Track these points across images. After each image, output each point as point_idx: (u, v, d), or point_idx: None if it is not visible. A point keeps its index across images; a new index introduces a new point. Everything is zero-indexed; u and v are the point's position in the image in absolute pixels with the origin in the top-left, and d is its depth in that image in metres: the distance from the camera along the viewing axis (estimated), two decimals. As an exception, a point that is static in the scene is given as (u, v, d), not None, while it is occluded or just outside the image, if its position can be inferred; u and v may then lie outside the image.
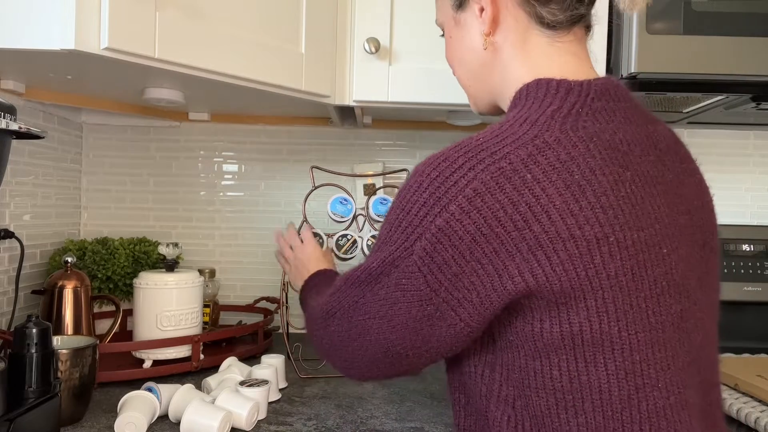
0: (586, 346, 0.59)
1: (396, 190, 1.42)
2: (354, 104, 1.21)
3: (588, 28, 0.73)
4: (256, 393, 0.94)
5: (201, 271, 1.33)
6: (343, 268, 1.23)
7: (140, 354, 1.13)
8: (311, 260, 1.05)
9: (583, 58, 0.72)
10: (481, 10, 0.72)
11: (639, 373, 0.60)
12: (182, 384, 0.95)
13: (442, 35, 0.83)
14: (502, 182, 0.58)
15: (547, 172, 0.58)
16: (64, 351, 0.87)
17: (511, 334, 0.62)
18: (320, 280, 0.96)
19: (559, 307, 0.58)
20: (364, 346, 0.68)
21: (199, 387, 0.99)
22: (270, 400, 1.00)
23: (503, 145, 0.60)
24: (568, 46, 0.71)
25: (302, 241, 1.10)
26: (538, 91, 0.66)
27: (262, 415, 0.94)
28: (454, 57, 0.80)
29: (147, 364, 1.12)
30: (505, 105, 0.75)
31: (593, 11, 0.73)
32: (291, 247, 1.11)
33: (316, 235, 1.20)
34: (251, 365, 1.09)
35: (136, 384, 1.00)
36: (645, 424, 0.59)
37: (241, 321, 1.49)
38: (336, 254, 1.20)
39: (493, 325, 0.63)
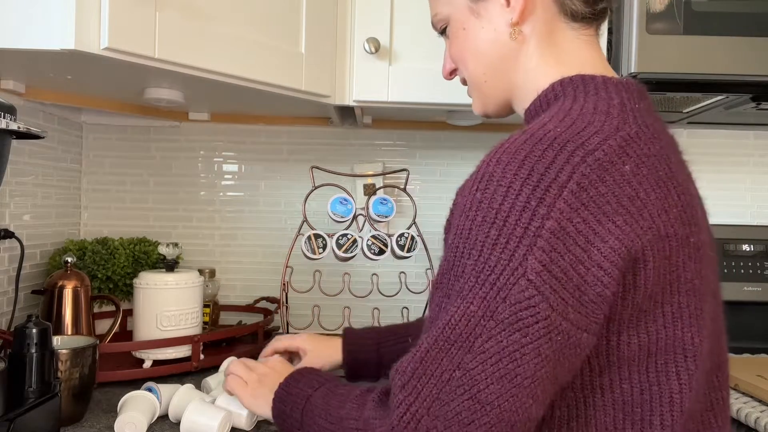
0: (659, 355, 0.55)
1: (396, 191, 1.42)
2: (354, 104, 1.21)
3: (600, 25, 0.73)
4: None
5: (201, 271, 1.33)
6: (343, 267, 1.23)
7: (140, 354, 1.13)
8: (281, 366, 0.86)
9: (601, 54, 0.71)
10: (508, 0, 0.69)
11: (701, 381, 0.57)
12: (182, 384, 0.95)
13: (441, 33, 0.79)
14: (603, 174, 0.52)
15: (639, 166, 0.54)
16: (64, 351, 0.87)
17: None
18: (315, 381, 0.73)
19: (639, 316, 0.54)
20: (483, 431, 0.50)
21: (199, 387, 0.99)
22: None
23: (588, 135, 0.54)
24: (591, 40, 0.70)
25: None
26: (586, 85, 0.63)
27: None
28: (468, 50, 0.74)
29: (147, 364, 1.12)
30: (521, 102, 0.72)
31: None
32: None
33: (318, 236, 1.19)
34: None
35: (136, 384, 1.00)
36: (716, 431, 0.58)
37: (241, 321, 1.49)
38: (336, 254, 1.20)
39: None
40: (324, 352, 0.99)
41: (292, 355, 1.02)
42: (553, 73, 0.67)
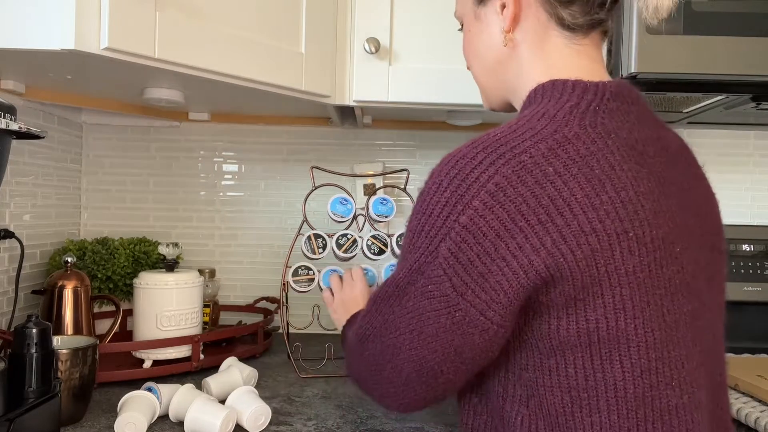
0: (602, 343, 0.58)
1: (396, 191, 1.42)
2: (354, 104, 1.21)
3: (605, 33, 0.74)
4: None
5: (201, 271, 1.33)
6: (344, 266, 1.23)
7: (140, 354, 1.13)
8: (362, 297, 1.02)
9: (597, 62, 0.72)
10: (503, 6, 0.72)
11: (654, 371, 0.59)
12: (182, 384, 0.95)
13: (460, 29, 0.83)
14: (524, 176, 0.57)
15: (568, 166, 0.58)
16: (64, 351, 0.87)
17: (525, 332, 0.62)
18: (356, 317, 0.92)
19: (577, 304, 0.58)
20: (397, 367, 0.65)
21: (199, 387, 0.99)
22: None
23: (522, 139, 0.59)
24: (585, 49, 0.71)
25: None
26: (554, 90, 0.66)
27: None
28: (471, 51, 0.79)
29: (147, 364, 1.12)
30: (518, 103, 0.75)
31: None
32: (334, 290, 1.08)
33: (318, 236, 1.20)
34: (252, 365, 1.09)
35: (136, 384, 1.00)
36: (658, 423, 0.59)
37: (241, 321, 1.49)
38: (336, 253, 1.20)
39: None
40: None
41: None
42: (539, 79, 0.70)
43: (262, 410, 0.90)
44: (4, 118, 0.82)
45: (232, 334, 1.31)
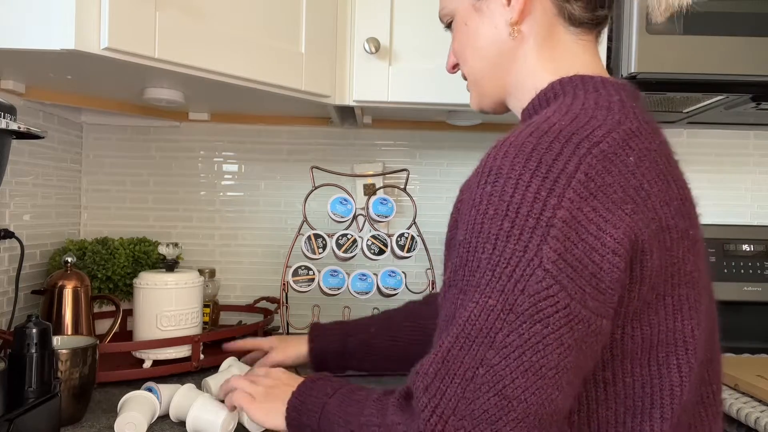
0: (660, 347, 0.55)
1: (396, 191, 1.42)
2: (354, 104, 1.21)
3: (600, 33, 0.74)
4: None
5: (201, 271, 1.33)
6: (344, 267, 1.23)
7: (140, 354, 1.13)
8: (286, 374, 0.82)
9: (599, 60, 0.72)
10: None
11: (702, 373, 0.58)
12: (182, 384, 0.95)
13: (447, 27, 0.80)
14: (608, 165, 0.53)
15: (641, 159, 0.55)
16: (64, 351, 0.87)
17: None
18: (328, 386, 0.70)
19: (643, 308, 0.54)
20: (510, 428, 0.49)
21: (199, 387, 0.99)
22: None
23: (592, 128, 0.55)
24: (589, 46, 0.71)
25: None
26: (585, 84, 0.64)
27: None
28: (469, 46, 0.76)
29: (147, 364, 1.12)
30: (517, 101, 0.74)
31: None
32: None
33: (318, 236, 1.19)
34: (252, 365, 1.08)
35: (136, 384, 1.00)
36: (706, 426, 0.58)
37: (241, 321, 1.49)
38: (336, 253, 1.20)
39: None
40: (290, 345, 1.05)
41: (260, 354, 1.07)
42: (550, 74, 0.69)
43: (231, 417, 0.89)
44: (4, 118, 0.82)
45: (232, 334, 1.31)
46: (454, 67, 0.82)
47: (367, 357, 1.03)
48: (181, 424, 0.89)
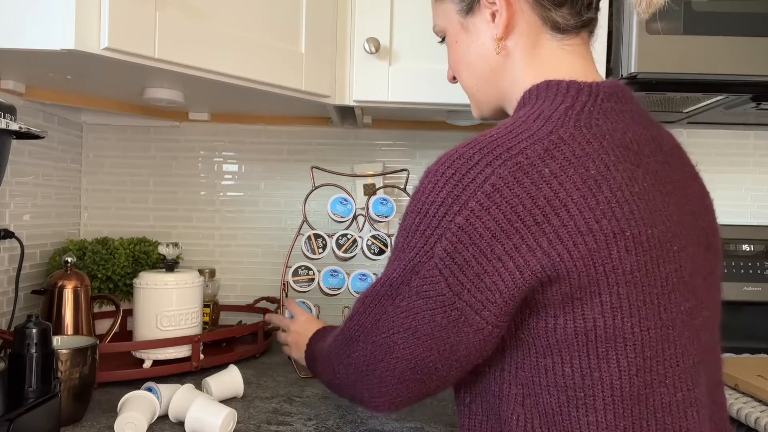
0: (599, 342, 0.58)
1: (396, 191, 1.42)
2: (354, 104, 1.21)
3: (592, 31, 0.74)
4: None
5: (201, 271, 1.33)
6: (344, 267, 1.23)
7: (140, 354, 1.13)
8: (308, 327, 1.00)
9: (589, 61, 0.73)
10: (493, 15, 0.72)
11: (649, 369, 0.59)
12: (182, 384, 0.95)
13: (441, 41, 0.82)
14: (520, 177, 0.57)
15: (563, 167, 0.58)
16: (64, 351, 0.87)
17: (522, 331, 0.62)
18: (322, 333, 0.93)
19: (574, 302, 0.58)
20: (391, 366, 0.66)
21: (199, 387, 0.99)
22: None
23: (519, 140, 0.60)
24: (576, 49, 0.71)
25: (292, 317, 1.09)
26: (548, 91, 0.66)
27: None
28: (461, 62, 0.79)
29: (147, 364, 1.12)
30: (511, 108, 0.75)
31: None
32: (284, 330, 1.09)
33: (318, 236, 1.20)
34: (252, 365, 1.09)
35: (136, 384, 1.00)
36: (652, 421, 0.59)
37: (241, 321, 1.49)
38: (336, 253, 1.20)
39: None
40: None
41: None
42: (534, 81, 0.70)
43: (230, 416, 0.88)
44: (4, 118, 0.82)
45: (232, 334, 1.31)
46: (454, 79, 0.84)
47: None
48: (181, 424, 0.89)
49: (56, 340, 0.90)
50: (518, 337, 0.62)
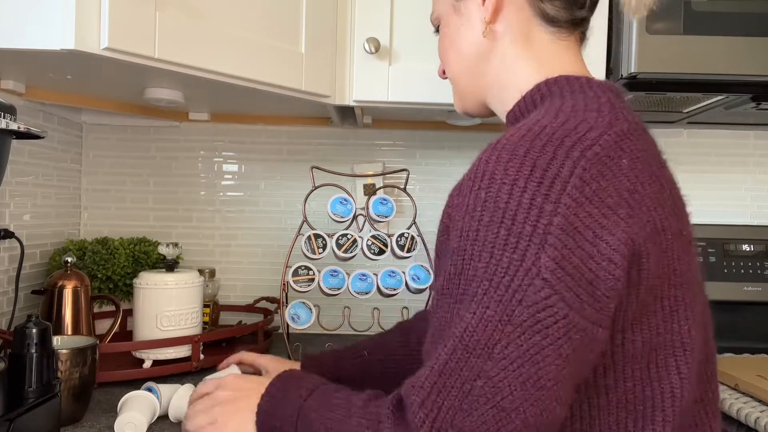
0: (659, 350, 0.54)
1: (396, 191, 1.42)
2: (354, 104, 1.21)
3: (584, 35, 0.73)
4: None
5: (201, 271, 1.33)
6: (344, 267, 1.23)
7: (140, 354, 1.13)
8: (241, 384, 0.73)
9: (582, 61, 0.72)
10: None
11: (702, 374, 0.58)
12: (182, 384, 0.95)
13: (436, 31, 0.81)
14: (602, 168, 0.52)
15: (634, 161, 0.54)
16: (64, 351, 0.87)
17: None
18: (295, 384, 0.67)
19: (642, 311, 0.53)
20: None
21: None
22: None
23: (583, 130, 0.54)
24: (571, 47, 0.71)
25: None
26: (571, 85, 0.64)
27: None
28: (450, 48, 0.77)
29: (147, 364, 1.12)
30: (499, 103, 0.74)
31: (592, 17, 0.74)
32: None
33: (318, 236, 1.19)
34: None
35: (136, 384, 1.00)
36: (706, 425, 0.58)
37: (241, 321, 1.49)
38: (336, 253, 1.20)
39: None
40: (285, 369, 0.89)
41: (254, 371, 0.97)
42: (533, 75, 0.68)
43: None
44: (4, 118, 0.82)
45: (232, 334, 1.31)
46: (444, 73, 0.82)
47: (363, 381, 0.87)
48: (181, 424, 0.89)
49: (56, 340, 0.90)
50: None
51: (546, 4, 0.69)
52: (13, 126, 0.84)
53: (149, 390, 0.92)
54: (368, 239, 1.20)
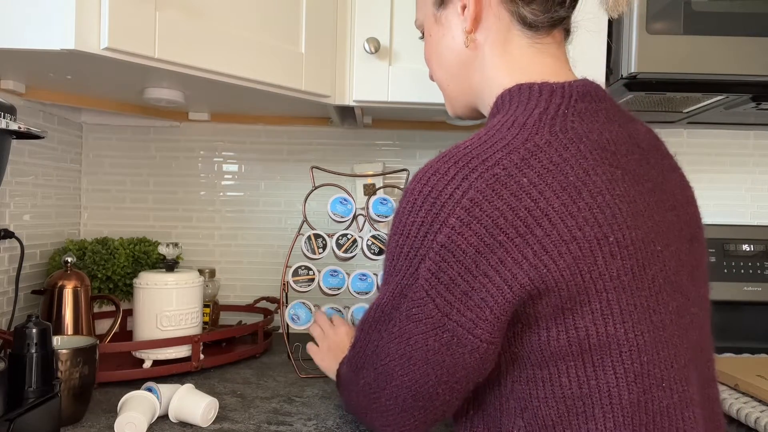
0: (594, 350, 0.58)
1: (396, 191, 1.42)
2: (354, 104, 1.21)
3: (567, 32, 0.73)
4: None
5: (201, 271, 1.33)
6: (344, 267, 1.23)
7: (140, 354, 1.13)
8: (348, 338, 0.98)
9: (562, 61, 0.72)
10: (464, 7, 0.72)
11: (646, 374, 0.59)
12: (182, 384, 0.95)
13: (421, 37, 0.83)
14: (499, 189, 0.56)
15: (542, 175, 0.57)
16: (64, 351, 0.87)
17: (516, 346, 0.61)
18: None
19: (565, 313, 0.57)
20: (393, 394, 0.64)
21: (199, 387, 0.99)
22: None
23: (494, 150, 0.59)
24: (547, 48, 0.71)
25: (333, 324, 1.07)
26: (521, 95, 0.65)
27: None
28: (433, 56, 0.79)
29: (147, 364, 1.12)
30: (484, 107, 0.75)
31: (575, 17, 0.73)
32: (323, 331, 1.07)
33: (318, 236, 1.20)
34: (252, 365, 1.09)
35: (136, 384, 1.00)
36: (650, 426, 0.59)
37: (241, 321, 1.49)
38: (336, 253, 1.20)
39: None
40: None
41: None
42: (504, 82, 0.69)
43: (212, 404, 0.91)
44: (4, 118, 0.82)
45: (232, 334, 1.31)
46: (433, 75, 0.84)
47: None
48: (181, 424, 0.89)
49: (56, 340, 0.90)
50: (512, 351, 0.61)
51: (524, 8, 0.69)
52: (13, 126, 0.84)
53: (149, 390, 0.92)
54: (368, 239, 1.20)
